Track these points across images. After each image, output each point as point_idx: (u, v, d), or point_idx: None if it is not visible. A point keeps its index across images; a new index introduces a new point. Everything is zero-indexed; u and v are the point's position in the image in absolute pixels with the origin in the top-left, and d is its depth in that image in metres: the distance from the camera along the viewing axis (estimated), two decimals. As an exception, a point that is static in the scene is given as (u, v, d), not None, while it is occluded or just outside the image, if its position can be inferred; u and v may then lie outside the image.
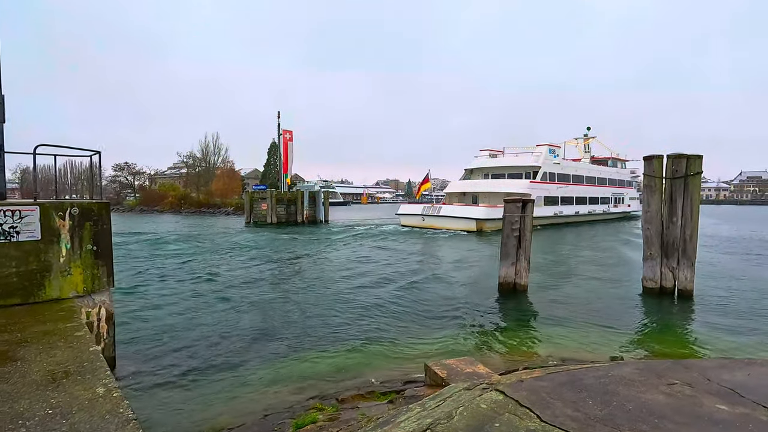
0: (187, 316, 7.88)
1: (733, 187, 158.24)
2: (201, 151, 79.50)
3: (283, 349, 6.24)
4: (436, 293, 10.05)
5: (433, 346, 6.24)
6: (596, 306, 8.80)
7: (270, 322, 7.52)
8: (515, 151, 35.58)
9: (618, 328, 7.10)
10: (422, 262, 14.69)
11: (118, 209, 70.81)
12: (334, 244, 20.95)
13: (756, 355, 5.71)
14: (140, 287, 10.37)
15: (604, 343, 6.21)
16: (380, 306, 8.72)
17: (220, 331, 7.04)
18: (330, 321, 7.63)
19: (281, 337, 6.72)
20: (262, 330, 7.09)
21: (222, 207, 60.43)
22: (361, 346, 6.35)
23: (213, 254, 16.64)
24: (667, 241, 9.42)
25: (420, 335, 6.83)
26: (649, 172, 9.89)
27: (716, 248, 18.82)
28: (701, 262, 13.30)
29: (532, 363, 5.10)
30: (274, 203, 35.15)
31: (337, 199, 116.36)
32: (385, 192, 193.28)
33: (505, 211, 9.92)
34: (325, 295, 9.74)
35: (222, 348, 6.30)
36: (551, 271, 13.16)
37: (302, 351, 6.17)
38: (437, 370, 4.12)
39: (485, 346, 6.16)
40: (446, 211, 28.36)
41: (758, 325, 7.30)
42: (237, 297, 9.47)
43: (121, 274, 11.94)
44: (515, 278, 9.93)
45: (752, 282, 11.21)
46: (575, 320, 7.62)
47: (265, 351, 6.19)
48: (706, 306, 8.63)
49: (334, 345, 6.41)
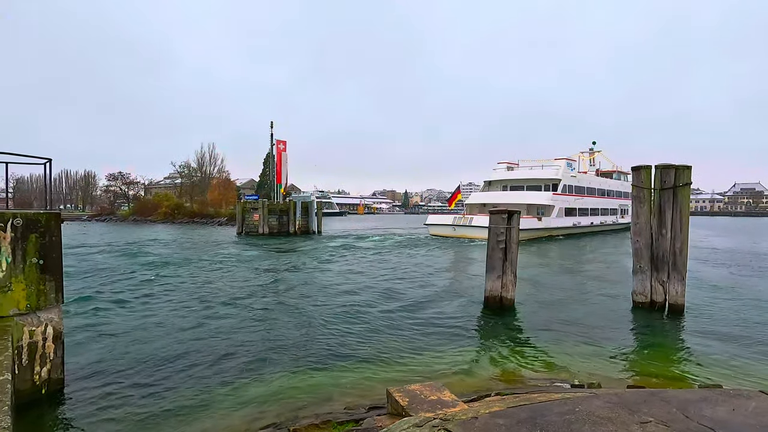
0: (151, 332, 7.49)
1: (728, 198, 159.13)
2: (197, 160, 79.48)
3: (248, 369, 5.86)
4: (418, 306, 9.69)
5: (407, 366, 5.88)
6: (583, 322, 8.46)
7: (238, 339, 7.14)
8: (529, 164, 36.92)
9: (603, 346, 6.76)
10: (407, 272, 14.34)
11: (110, 219, 70.23)
12: (321, 255, 20.58)
13: (746, 377, 5.39)
14: (105, 302, 9.92)
15: (587, 363, 5.87)
16: (356, 321, 8.36)
17: (185, 348, 6.65)
18: (301, 338, 7.26)
19: (248, 356, 6.35)
20: (229, 347, 6.72)
21: (215, 217, 59.93)
22: (333, 365, 5.98)
23: (194, 266, 16.24)
24: (657, 254, 9.14)
25: (397, 352, 6.47)
26: (638, 182, 9.66)
27: (709, 261, 18.59)
28: (694, 276, 13.04)
29: (506, 386, 4.76)
30: (265, 213, 34.78)
31: (333, 209, 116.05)
32: (381, 202, 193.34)
33: (491, 223, 9.63)
34: (300, 310, 9.37)
35: (184, 367, 5.92)
36: (545, 282, 12.83)
37: (269, 371, 5.80)
38: (398, 398, 3.77)
39: (462, 366, 5.81)
40: (479, 222, 28.74)
41: (750, 343, 6.98)
42: (207, 312, 9.07)
43: (88, 289, 11.55)
44: (501, 292, 9.59)
45: (745, 297, 10.91)
46: (560, 337, 7.29)
47: (229, 371, 5.82)
48: (697, 323, 8.32)
49: (304, 364, 6.04)
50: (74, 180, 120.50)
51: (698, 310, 9.21)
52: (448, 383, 5.02)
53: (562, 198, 33.46)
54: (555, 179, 34.03)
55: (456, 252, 22.13)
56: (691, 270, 10.68)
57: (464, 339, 7.21)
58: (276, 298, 10.70)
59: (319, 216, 37.74)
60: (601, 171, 47.17)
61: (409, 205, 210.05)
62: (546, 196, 32.89)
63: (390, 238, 31.73)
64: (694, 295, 10.36)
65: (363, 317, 8.66)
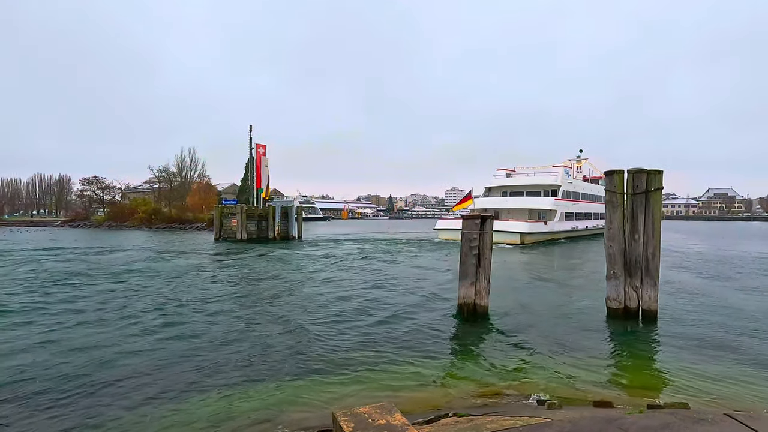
0: (96, 345, 6.95)
1: (702, 203, 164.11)
2: (177, 165, 77.76)
3: (195, 386, 5.42)
4: (390, 314, 9.36)
5: (366, 383, 5.52)
6: (557, 330, 8.26)
7: (177, 353, 6.66)
8: (525, 171, 38.92)
9: (573, 356, 6.55)
10: (383, 278, 14.00)
11: (84, 225, 68.01)
12: (295, 261, 20.11)
13: (714, 389, 5.22)
14: (45, 314, 9.23)
15: (555, 376, 5.62)
16: (318, 331, 7.95)
17: (126, 363, 6.16)
18: (252, 349, 6.83)
19: (198, 371, 5.90)
20: (179, 362, 6.25)
21: (194, 222, 58.62)
22: (285, 382, 5.58)
23: (159, 274, 15.56)
24: (630, 260, 9.03)
25: (360, 365, 6.10)
26: (611, 187, 9.56)
27: (682, 266, 18.81)
28: (667, 281, 13.07)
29: (468, 404, 4.46)
30: (243, 219, 34.03)
31: (317, 214, 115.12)
32: (366, 207, 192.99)
33: (463, 228, 9.38)
34: (256, 319, 8.93)
35: (127, 384, 5.44)
36: (523, 287, 12.65)
37: (214, 389, 5.36)
38: (343, 423, 3.41)
39: (424, 381, 5.49)
40: None
41: (721, 352, 6.87)
42: (159, 323, 8.53)
43: (33, 299, 10.86)
44: (475, 299, 9.34)
45: (716, 302, 10.93)
46: (532, 346, 7.05)
47: (172, 388, 5.36)
48: (669, 330, 8.22)
49: (253, 380, 5.62)
50: (48, 184, 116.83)
51: (671, 316, 9.13)
52: (406, 400, 4.70)
53: (562, 203, 34.91)
54: (555, 185, 35.47)
55: (435, 258, 21.90)
56: (665, 275, 10.66)
57: (433, 350, 6.90)
58: (233, 306, 10.20)
59: (299, 221, 37.14)
60: (590, 177, 49.33)
61: (394, 210, 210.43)
62: (548, 201, 34.27)
63: (369, 243, 31.38)
64: (666, 300, 10.32)
65: (326, 327, 8.28)
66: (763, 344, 7.26)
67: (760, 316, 9.33)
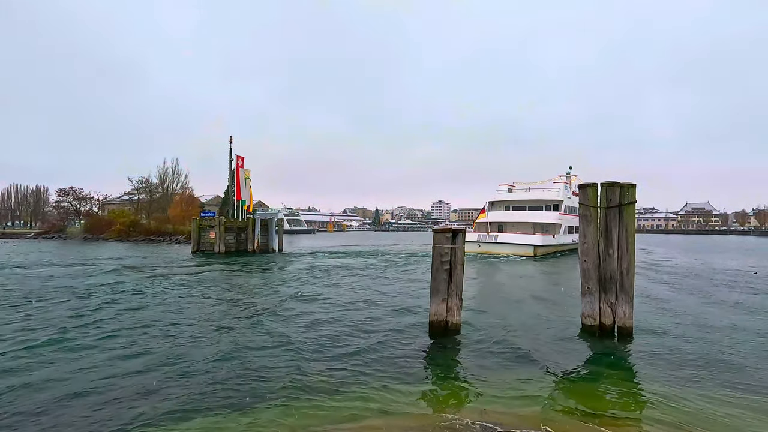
0: (33, 372, 6.34)
1: (680, 217, 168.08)
2: (159, 176, 76.19)
3: (142, 417, 4.89)
4: (359, 332, 8.90)
5: (316, 411, 5.05)
6: (530, 347, 7.92)
7: (130, 379, 6.11)
8: (523, 187, 40.48)
9: (541, 378, 6.19)
10: (358, 294, 13.52)
11: (59, 237, 65.85)
12: (270, 276, 19.49)
13: (690, 413, 4.91)
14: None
15: (518, 400, 5.25)
16: (275, 353, 7.42)
17: (57, 396, 5.58)
18: (207, 371, 6.31)
19: (141, 398, 5.35)
20: (103, 390, 5.69)
21: (174, 234, 57.21)
22: (226, 410, 5.08)
23: (114, 289, 14.81)
24: (605, 275, 8.79)
25: (315, 392, 5.63)
26: (584, 201, 9.37)
27: (659, 280, 18.79)
28: (644, 296, 12.93)
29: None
30: (222, 231, 33.22)
31: (301, 227, 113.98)
32: (352, 220, 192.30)
33: (435, 242, 9.04)
34: (214, 338, 8.38)
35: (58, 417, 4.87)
36: (500, 303, 12.32)
37: (154, 419, 4.84)
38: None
39: (381, 409, 5.04)
40: (504, 239, 32.47)
41: (698, 371, 6.62)
42: (90, 343, 7.94)
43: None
44: (447, 316, 8.95)
45: (694, 318, 10.76)
46: (501, 366, 6.71)
47: (114, 421, 4.82)
48: (645, 347, 7.98)
49: (200, 408, 5.11)
50: (23, 195, 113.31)
51: (646, 334, 8.88)
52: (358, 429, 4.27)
53: (566, 218, 36.38)
54: (557, 200, 37.02)
55: (411, 273, 21.51)
56: (642, 290, 10.47)
57: (398, 373, 6.46)
58: (190, 325, 9.61)
59: (280, 234, 36.45)
60: (576, 193, 50.21)
61: (380, 222, 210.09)
62: (554, 215, 35.76)
63: (352, 257, 30.87)
64: (644, 316, 10.11)
65: (284, 348, 7.74)
66: (738, 362, 7.03)
67: (737, 333, 9.16)
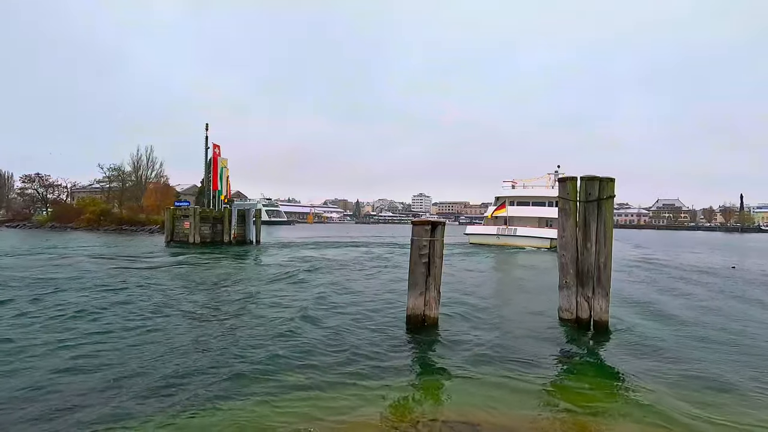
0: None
1: (652, 213, 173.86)
2: (132, 164, 73.45)
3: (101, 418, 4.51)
4: (334, 328, 8.64)
5: (284, 415, 4.78)
6: (507, 341, 7.84)
7: (84, 378, 5.70)
8: (522, 184, 42.53)
9: (517, 373, 6.08)
10: (335, 287, 13.24)
11: (24, 225, 62.98)
12: (244, 268, 18.99)
13: (659, 410, 4.87)
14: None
15: (490, 399, 5.10)
16: (244, 352, 7.07)
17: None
18: (164, 370, 5.94)
19: (97, 395, 4.96)
20: (80, 396, 5.28)
21: (147, 224, 55.50)
22: (184, 413, 4.76)
23: (74, 280, 14.10)
24: (582, 269, 8.78)
25: (281, 393, 5.34)
26: (564, 194, 9.32)
27: (635, 276, 19.20)
28: (621, 291, 13.11)
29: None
30: (197, 221, 32.27)
31: (281, 217, 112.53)
32: (332, 212, 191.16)
33: (413, 234, 8.83)
34: (174, 334, 7.99)
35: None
36: (487, 295, 12.25)
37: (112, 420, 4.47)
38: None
39: (349, 412, 4.80)
40: (523, 232, 35.08)
41: (672, 364, 6.65)
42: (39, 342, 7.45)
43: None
44: (424, 309, 8.79)
45: (668, 314, 10.94)
46: (476, 361, 6.56)
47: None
48: (620, 341, 8.01)
49: (153, 412, 4.77)
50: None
51: (622, 328, 8.93)
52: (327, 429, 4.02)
53: None
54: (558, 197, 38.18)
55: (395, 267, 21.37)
56: (617, 285, 10.56)
57: (372, 369, 6.23)
58: (152, 318, 9.14)
59: (258, 224, 35.70)
60: None
61: (361, 214, 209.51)
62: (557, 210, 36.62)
63: (331, 248, 30.53)
64: (619, 310, 10.18)
65: (254, 346, 7.39)
66: (711, 356, 7.12)
67: (710, 328, 9.34)
